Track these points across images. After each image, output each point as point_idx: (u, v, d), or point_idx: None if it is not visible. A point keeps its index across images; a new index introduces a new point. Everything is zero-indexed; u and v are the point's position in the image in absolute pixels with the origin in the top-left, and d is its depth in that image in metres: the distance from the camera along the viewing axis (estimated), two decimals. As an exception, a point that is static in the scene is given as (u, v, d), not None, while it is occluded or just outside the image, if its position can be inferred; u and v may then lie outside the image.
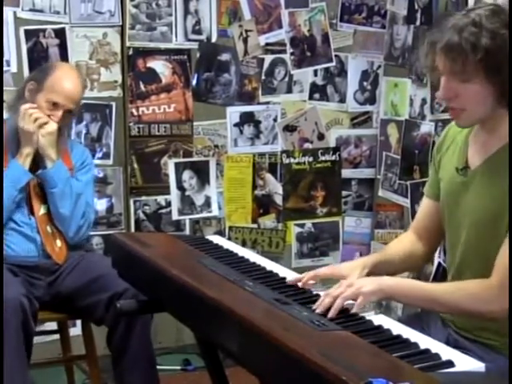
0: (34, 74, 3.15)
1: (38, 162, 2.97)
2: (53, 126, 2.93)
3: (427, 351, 1.61)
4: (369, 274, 2.09)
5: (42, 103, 2.94)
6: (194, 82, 3.93)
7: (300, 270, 2.15)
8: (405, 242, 2.25)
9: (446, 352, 1.61)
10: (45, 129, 2.92)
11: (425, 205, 2.24)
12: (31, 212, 2.98)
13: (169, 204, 3.95)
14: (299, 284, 2.03)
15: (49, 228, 2.99)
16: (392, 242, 2.33)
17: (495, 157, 1.96)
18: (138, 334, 2.81)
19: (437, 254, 3.46)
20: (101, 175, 3.77)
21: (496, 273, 1.86)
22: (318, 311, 1.82)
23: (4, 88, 3.45)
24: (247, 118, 4.04)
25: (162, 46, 3.86)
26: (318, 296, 1.94)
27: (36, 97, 2.96)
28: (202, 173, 3.99)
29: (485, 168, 1.98)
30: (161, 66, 3.87)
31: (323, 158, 4.17)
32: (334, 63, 4.13)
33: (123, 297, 2.71)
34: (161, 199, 3.95)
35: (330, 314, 1.80)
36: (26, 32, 3.61)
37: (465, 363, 1.57)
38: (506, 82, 1.87)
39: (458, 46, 1.86)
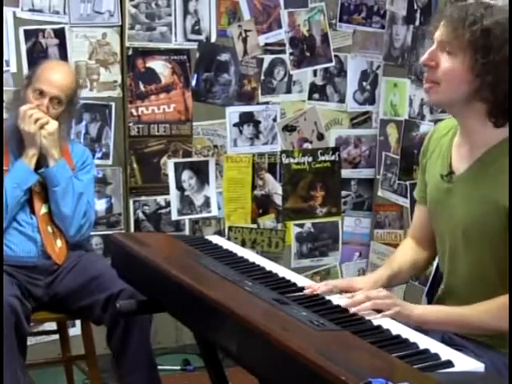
0: (27, 73, 3.19)
1: (40, 161, 2.97)
2: (53, 126, 2.94)
3: (426, 351, 1.61)
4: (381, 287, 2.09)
5: (29, 95, 2.96)
6: (193, 82, 3.93)
7: (299, 270, 2.15)
8: (408, 252, 2.25)
9: (445, 352, 1.61)
10: (46, 129, 2.92)
11: (419, 211, 2.24)
12: (32, 211, 2.98)
13: (168, 204, 3.95)
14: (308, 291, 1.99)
15: (49, 228, 2.99)
16: (396, 254, 2.30)
17: (479, 162, 1.96)
18: (137, 334, 2.81)
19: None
20: (100, 175, 3.77)
21: None
22: (344, 304, 1.83)
23: (4, 88, 3.45)
24: (247, 118, 4.04)
25: (162, 46, 3.86)
26: (317, 296, 1.94)
27: (26, 92, 2.98)
28: (201, 173, 3.99)
29: (469, 174, 1.98)
30: (160, 66, 3.87)
31: (323, 158, 4.18)
32: (333, 63, 4.13)
33: (119, 298, 2.70)
34: (160, 199, 3.95)
35: (353, 310, 1.81)
36: (26, 32, 3.61)
37: (464, 363, 1.56)
38: (486, 70, 1.86)
39: (460, 18, 1.87)
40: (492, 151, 1.94)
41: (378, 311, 1.83)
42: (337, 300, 1.91)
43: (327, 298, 1.94)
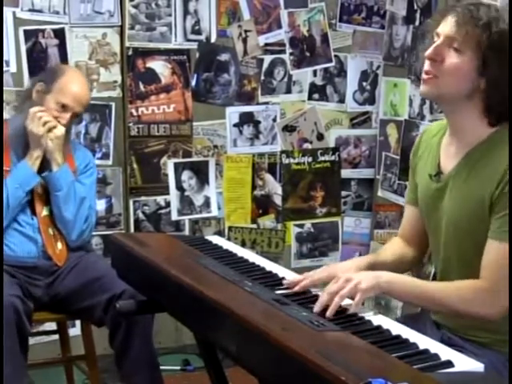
0: (42, 76, 3.15)
1: (43, 164, 2.97)
2: (61, 130, 2.94)
3: (426, 351, 1.61)
4: None
5: (50, 105, 2.95)
6: (193, 83, 3.93)
7: (299, 271, 2.15)
8: (394, 247, 2.27)
9: (445, 352, 1.61)
10: (53, 133, 2.92)
11: (408, 212, 2.26)
12: (33, 213, 2.98)
13: (168, 204, 3.95)
14: (296, 288, 2.00)
15: (50, 230, 2.99)
16: (384, 246, 2.34)
17: (466, 160, 1.97)
18: (139, 335, 2.81)
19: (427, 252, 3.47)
20: (100, 175, 3.77)
21: (486, 275, 1.88)
22: (315, 310, 1.82)
23: (4, 88, 3.45)
24: (246, 118, 4.04)
25: (162, 46, 3.86)
26: (316, 296, 1.94)
27: (44, 98, 2.97)
28: (201, 173, 3.99)
29: (457, 172, 1.99)
30: (160, 67, 3.87)
31: (322, 158, 4.18)
32: (333, 63, 4.13)
33: (121, 298, 2.70)
34: (160, 199, 3.95)
35: (328, 314, 1.80)
36: (26, 32, 3.61)
37: (464, 363, 1.57)
38: (491, 72, 1.88)
39: (473, 17, 1.88)
40: (478, 148, 1.95)
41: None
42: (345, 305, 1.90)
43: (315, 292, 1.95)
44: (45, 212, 2.99)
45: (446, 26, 1.92)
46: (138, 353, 2.82)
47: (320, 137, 4.17)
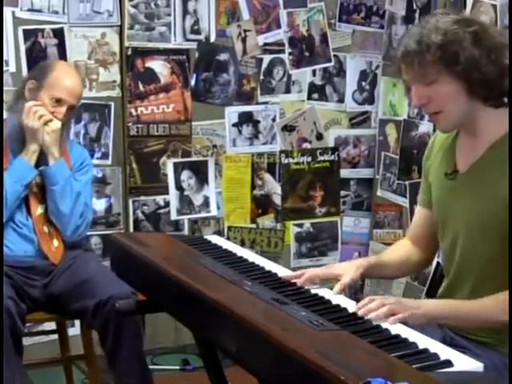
0: (32, 73, 3.16)
1: (39, 159, 2.98)
2: (57, 124, 2.95)
3: (426, 351, 1.61)
4: (363, 275, 2.10)
5: (45, 100, 2.95)
6: (192, 82, 3.93)
7: (299, 270, 2.15)
8: (401, 248, 2.27)
9: (444, 352, 1.61)
10: (49, 126, 2.93)
11: (418, 213, 2.26)
12: (29, 212, 2.98)
13: (167, 204, 3.95)
14: (297, 282, 2.03)
15: (45, 228, 2.98)
16: (389, 248, 2.34)
17: (483, 159, 1.98)
18: (129, 335, 2.79)
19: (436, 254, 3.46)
20: (100, 175, 3.77)
21: None
22: (360, 312, 1.80)
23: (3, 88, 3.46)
24: (246, 118, 4.04)
25: (161, 45, 3.86)
26: (316, 296, 1.94)
27: (38, 95, 2.97)
28: (200, 173, 3.99)
29: (473, 171, 1.99)
30: (159, 66, 3.87)
31: (322, 158, 4.18)
32: (332, 63, 4.13)
33: (108, 304, 2.71)
34: (159, 199, 3.95)
35: (371, 316, 1.78)
36: (25, 32, 3.61)
37: (463, 363, 1.57)
38: (468, 71, 1.89)
39: (412, 50, 1.91)
40: (494, 147, 1.96)
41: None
42: (345, 304, 1.90)
43: (320, 294, 1.95)
44: (39, 210, 2.99)
45: (406, 74, 1.96)
46: (128, 353, 2.81)
47: (319, 136, 4.17)
